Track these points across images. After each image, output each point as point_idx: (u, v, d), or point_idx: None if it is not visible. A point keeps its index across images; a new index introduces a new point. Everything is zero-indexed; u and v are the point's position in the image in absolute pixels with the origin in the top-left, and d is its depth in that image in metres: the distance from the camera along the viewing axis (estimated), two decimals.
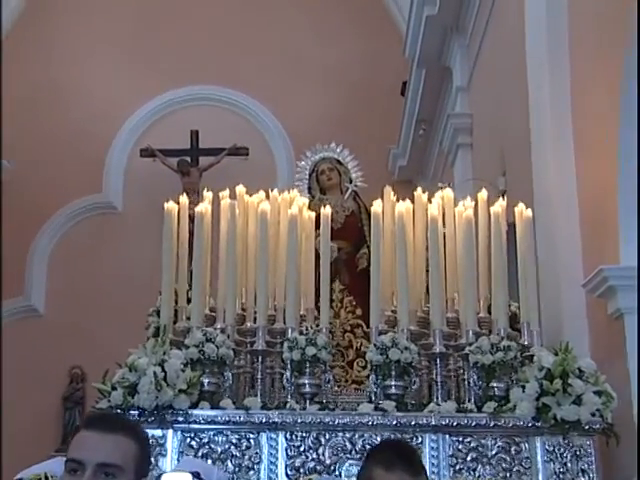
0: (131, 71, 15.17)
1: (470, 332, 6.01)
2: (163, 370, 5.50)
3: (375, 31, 15.30)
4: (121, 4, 15.52)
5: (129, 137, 15.30)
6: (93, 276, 14.17)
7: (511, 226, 8.18)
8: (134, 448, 3.03)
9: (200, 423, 5.57)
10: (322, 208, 6.47)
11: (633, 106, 5.56)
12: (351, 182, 7.28)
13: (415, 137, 13.96)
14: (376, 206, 6.35)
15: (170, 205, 6.29)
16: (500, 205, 6.30)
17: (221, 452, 5.55)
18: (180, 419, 5.55)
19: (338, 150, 7.41)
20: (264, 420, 5.59)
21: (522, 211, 6.27)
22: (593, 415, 5.54)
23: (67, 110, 14.92)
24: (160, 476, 3.12)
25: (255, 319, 6.11)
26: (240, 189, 6.57)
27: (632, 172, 5.68)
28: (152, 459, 5.18)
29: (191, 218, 6.47)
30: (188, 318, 6.15)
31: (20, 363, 13.50)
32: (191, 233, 6.39)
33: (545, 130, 7.14)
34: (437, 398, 5.85)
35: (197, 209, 6.27)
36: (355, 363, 6.54)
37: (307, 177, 7.35)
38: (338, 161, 7.35)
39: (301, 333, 5.86)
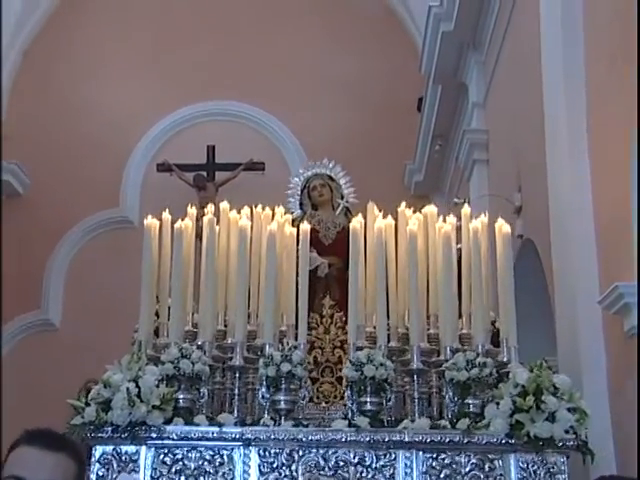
0: (149, 86, 15.26)
1: (448, 349, 5.98)
2: (137, 386, 5.52)
3: (391, 47, 15.30)
4: (141, 21, 15.64)
5: (146, 152, 15.39)
6: (109, 290, 14.19)
7: (526, 241, 8.17)
8: (74, 467, 3.02)
9: (173, 439, 5.56)
10: (301, 224, 6.48)
11: None
12: (343, 198, 7.29)
13: (431, 153, 13.95)
14: (355, 222, 6.35)
15: (150, 221, 6.34)
16: (480, 221, 6.27)
17: (194, 468, 5.53)
18: (153, 435, 5.54)
19: (330, 166, 7.41)
20: (237, 436, 5.57)
21: (501, 227, 6.24)
22: (567, 432, 5.49)
23: (85, 125, 15.02)
24: None
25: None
26: (224, 205, 6.59)
27: None
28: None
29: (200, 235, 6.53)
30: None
31: (36, 376, 13.59)
32: (199, 249, 6.45)
33: (561, 146, 7.10)
34: (413, 414, 5.83)
35: (176, 225, 6.31)
36: (344, 379, 6.53)
37: (299, 193, 7.37)
38: (330, 177, 7.36)
39: (278, 349, 5.86)
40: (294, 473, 5.55)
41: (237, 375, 5.94)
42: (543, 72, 7.75)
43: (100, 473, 5.48)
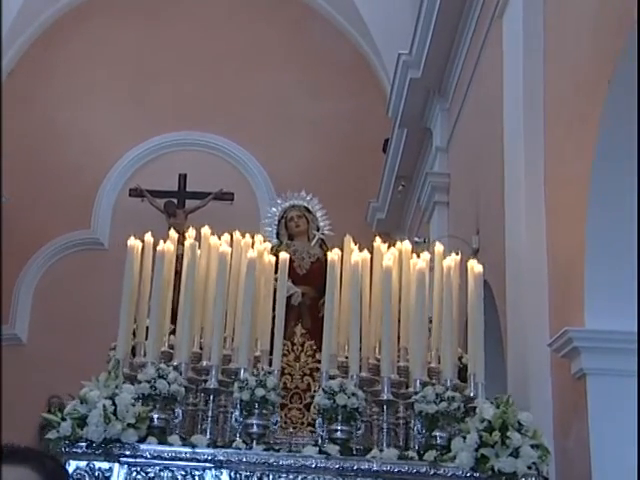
0: (126, 114, 15.21)
1: (417, 381, 5.90)
2: (113, 404, 5.39)
3: (361, 90, 15.39)
4: (119, 50, 15.61)
5: (119, 177, 15.33)
6: (77, 309, 14.07)
7: (485, 283, 8.14)
8: None
9: (147, 458, 5.43)
10: (280, 252, 6.40)
11: (604, 173, 5.62)
12: (318, 230, 7.25)
13: (394, 192, 13.94)
14: (332, 254, 6.27)
15: (132, 242, 6.22)
16: (453, 259, 6.22)
17: None
18: (127, 453, 5.40)
19: (308, 198, 7.39)
20: (209, 457, 5.45)
21: (473, 267, 6.20)
22: (529, 468, 5.42)
23: (61, 148, 14.95)
24: None
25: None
26: (205, 230, 6.49)
27: (599, 238, 5.69)
28: None
29: (177, 258, 6.43)
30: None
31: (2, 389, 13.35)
32: (178, 272, 6.34)
33: (518, 194, 7.13)
34: (381, 444, 5.73)
35: (159, 248, 6.20)
36: (312, 406, 6.42)
37: (276, 223, 7.32)
38: (307, 209, 7.32)
39: (253, 374, 5.75)
40: None
41: (211, 397, 5.81)
42: (504, 123, 7.80)
43: None
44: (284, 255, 6.34)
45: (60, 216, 14.72)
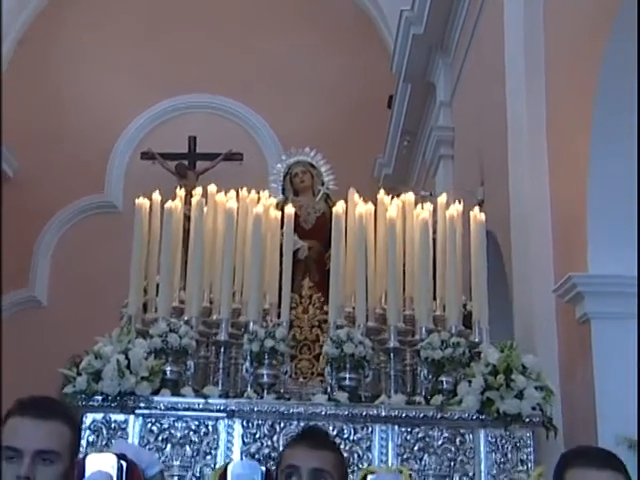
0: (135, 79, 15.13)
1: (423, 329, 5.92)
2: (127, 358, 5.43)
3: (364, 47, 15.25)
4: (126, 14, 15.51)
5: (131, 141, 15.27)
6: (93, 271, 14.06)
7: (489, 233, 8.16)
8: (69, 433, 2.90)
9: (161, 409, 5.50)
10: (285, 207, 6.41)
11: (604, 122, 5.61)
12: (323, 185, 7.23)
13: (400, 148, 13.89)
14: (338, 207, 6.27)
15: (140, 200, 6.24)
16: (455, 209, 6.21)
17: (180, 437, 5.47)
18: (142, 405, 5.48)
19: (312, 154, 7.37)
20: (222, 408, 5.52)
21: (476, 215, 6.19)
22: (534, 409, 5.48)
23: (74, 113, 14.87)
24: (85, 457, 2.99)
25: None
26: (211, 188, 6.50)
27: (602, 185, 5.69)
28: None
29: (187, 217, 6.45)
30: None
31: (22, 351, 13.42)
32: (186, 231, 6.35)
33: (521, 144, 7.12)
34: (389, 391, 5.77)
35: (166, 205, 6.22)
36: (321, 357, 6.45)
37: (281, 179, 7.32)
38: (311, 164, 7.30)
39: (263, 326, 5.78)
40: (275, 444, 5.49)
41: (222, 350, 5.85)
42: (506, 75, 7.75)
43: (90, 439, 5.43)
44: (289, 210, 6.34)
45: (75, 181, 14.65)
